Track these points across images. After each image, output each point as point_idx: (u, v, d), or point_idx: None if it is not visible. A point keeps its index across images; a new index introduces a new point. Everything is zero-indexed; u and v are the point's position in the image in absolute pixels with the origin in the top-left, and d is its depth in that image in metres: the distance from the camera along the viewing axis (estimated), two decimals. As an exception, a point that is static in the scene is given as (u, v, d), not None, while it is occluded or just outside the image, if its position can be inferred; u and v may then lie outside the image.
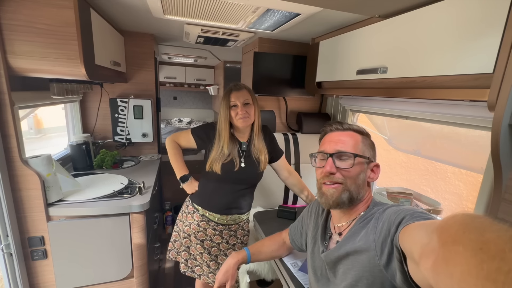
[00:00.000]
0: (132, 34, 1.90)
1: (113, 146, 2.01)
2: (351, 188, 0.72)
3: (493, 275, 0.27)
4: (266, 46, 1.82)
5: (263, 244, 1.08)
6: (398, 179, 1.99)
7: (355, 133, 0.77)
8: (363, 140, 0.76)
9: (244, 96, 1.20)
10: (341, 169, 0.72)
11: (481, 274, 0.28)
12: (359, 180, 0.73)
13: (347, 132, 0.77)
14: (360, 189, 0.73)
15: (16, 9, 1.02)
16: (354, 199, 0.73)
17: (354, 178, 0.72)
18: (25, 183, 1.12)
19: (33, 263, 1.21)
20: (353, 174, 0.72)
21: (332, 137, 0.77)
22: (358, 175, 0.72)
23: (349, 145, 0.74)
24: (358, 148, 0.74)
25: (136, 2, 1.28)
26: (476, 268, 0.29)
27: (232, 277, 0.97)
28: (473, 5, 0.73)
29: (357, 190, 0.73)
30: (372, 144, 0.79)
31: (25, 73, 1.10)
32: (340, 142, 0.75)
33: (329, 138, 0.78)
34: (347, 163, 0.72)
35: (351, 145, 0.74)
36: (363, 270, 0.65)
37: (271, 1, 1.09)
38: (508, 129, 0.68)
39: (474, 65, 0.74)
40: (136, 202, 1.28)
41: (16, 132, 1.07)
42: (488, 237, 0.30)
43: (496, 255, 0.28)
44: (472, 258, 0.29)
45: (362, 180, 0.73)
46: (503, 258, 0.27)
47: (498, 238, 0.29)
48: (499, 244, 0.28)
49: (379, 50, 1.07)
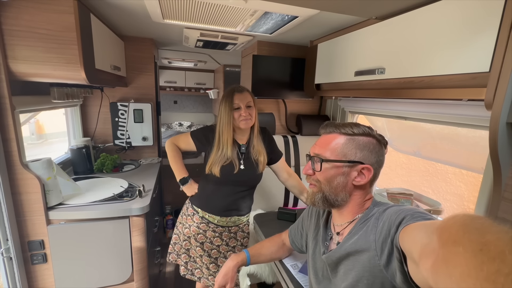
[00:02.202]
0: (132, 38, 1.92)
1: (113, 150, 2.01)
2: (325, 190, 0.74)
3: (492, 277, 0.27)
4: (265, 49, 1.83)
5: (262, 246, 1.08)
6: (399, 181, 1.98)
7: (340, 135, 0.73)
8: (348, 142, 0.72)
9: (247, 98, 1.20)
10: (316, 171, 0.75)
11: (481, 275, 0.28)
12: (334, 183, 0.72)
13: (330, 135, 0.76)
14: (338, 191, 0.73)
15: (17, 15, 1.03)
16: (330, 200, 0.74)
17: (327, 180, 0.73)
18: (25, 187, 1.12)
19: (33, 267, 1.21)
20: (325, 177, 0.73)
21: (319, 140, 0.79)
22: (332, 178, 0.72)
23: (326, 148, 0.74)
24: (336, 152, 0.72)
25: (135, 7, 1.29)
26: (476, 269, 0.28)
27: (231, 280, 0.97)
28: (468, 6, 0.74)
29: (332, 192, 0.73)
30: (367, 145, 0.71)
31: (26, 77, 1.11)
32: (319, 145, 0.77)
33: (317, 140, 0.80)
34: (317, 166, 0.74)
35: (328, 149, 0.73)
36: (363, 270, 0.65)
37: (268, 4, 1.10)
38: (505, 127, 0.68)
39: (470, 65, 0.75)
40: (136, 205, 1.28)
41: (16, 136, 1.08)
42: (488, 238, 0.30)
43: (496, 257, 0.28)
44: (472, 259, 0.29)
45: (339, 183, 0.72)
46: (503, 260, 0.27)
47: (498, 240, 0.29)
48: (499, 245, 0.29)
49: (376, 51, 1.08)
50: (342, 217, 0.77)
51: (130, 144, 2.00)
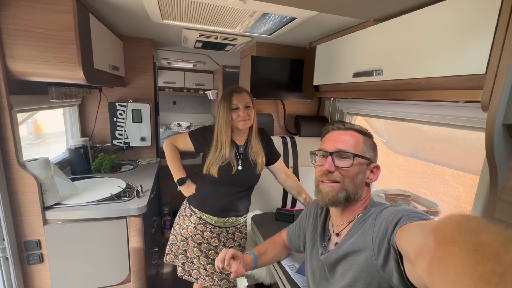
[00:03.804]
0: (131, 39, 1.92)
1: (111, 150, 2.01)
2: (349, 188, 0.72)
3: (487, 277, 0.27)
4: (264, 50, 1.83)
5: (267, 248, 1.05)
6: (397, 182, 1.99)
7: (356, 133, 0.76)
8: (364, 141, 0.76)
9: (245, 99, 1.20)
10: (340, 168, 0.72)
11: (475, 275, 0.28)
12: (357, 180, 0.73)
13: (348, 132, 0.77)
14: (358, 189, 0.73)
15: (15, 14, 1.03)
16: (351, 198, 0.72)
17: (352, 177, 0.72)
18: (22, 186, 1.12)
19: (29, 267, 1.20)
20: (351, 173, 0.72)
21: (333, 136, 0.77)
22: (356, 175, 0.72)
23: (349, 144, 0.74)
24: (358, 148, 0.74)
25: (134, 7, 1.29)
26: (471, 269, 0.29)
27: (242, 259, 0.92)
28: (465, 8, 0.75)
29: (354, 190, 0.72)
30: (374, 145, 0.78)
31: (23, 76, 1.10)
32: (341, 141, 0.74)
33: (330, 137, 0.77)
34: (346, 162, 0.72)
35: (351, 145, 0.74)
36: (360, 270, 0.65)
37: (267, 6, 1.10)
38: (501, 128, 0.69)
39: (467, 66, 0.75)
40: (134, 205, 1.27)
41: (13, 135, 1.08)
42: (483, 238, 0.30)
43: (490, 257, 0.28)
44: (467, 259, 0.30)
45: (360, 180, 0.73)
46: (497, 260, 0.27)
47: (493, 240, 0.29)
48: (494, 246, 0.29)
49: (374, 53, 1.08)
50: (342, 217, 0.77)
51: (128, 144, 2.00)
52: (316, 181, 0.77)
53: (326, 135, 0.80)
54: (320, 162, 0.77)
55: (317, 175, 0.77)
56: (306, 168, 1.88)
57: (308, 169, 1.88)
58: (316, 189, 0.77)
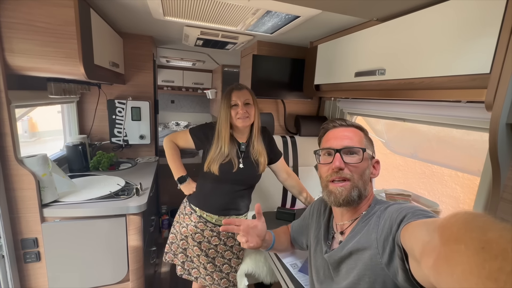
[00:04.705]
0: (131, 36, 1.90)
1: (110, 147, 1.99)
2: (359, 184, 0.71)
3: (495, 275, 0.27)
4: (265, 49, 1.83)
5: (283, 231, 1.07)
6: (396, 183, 2.00)
7: (357, 129, 0.78)
8: (365, 136, 0.77)
9: (245, 95, 1.20)
10: (348, 165, 0.71)
11: (483, 273, 0.28)
12: (365, 176, 0.73)
13: (351, 128, 0.77)
14: (366, 185, 0.73)
15: (15, 7, 1.01)
16: (362, 195, 0.72)
17: (360, 173, 0.72)
18: (20, 183, 1.10)
19: (25, 266, 1.18)
20: (360, 169, 0.71)
21: (337, 133, 0.76)
22: (364, 171, 0.72)
23: (355, 140, 0.74)
24: (363, 144, 0.75)
25: (136, 3, 1.28)
26: (478, 267, 0.28)
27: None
28: (470, 7, 0.75)
29: (364, 186, 0.72)
30: (371, 140, 0.79)
31: (23, 71, 1.09)
32: (346, 138, 0.74)
33: (333, 135, 0.77)
34: (355, 158, 0.72)
35: (357, 140, 0.74)
36: (365, 268, 0.64)
37: (271, 3, 1.10)
38: (505, 128, 0.69)
39: (471, 66, 0.75)
40: (133, 203, 1.26)
41: (11, 131, 1.06)
42: (491, 236, 0.30)
43: (498, 255, 0.28)
44: (474, 257, 0.29)
45: (367, 176, 0.73)
46: (505, 258, 0.27)
47: (500, 238, 0.29)
48: (502, 243, 0.28)
49: (377, 53, 1.08)
50: (346, 216, 0.77)
51: (127, 142, 1.98)
52: (324, 182, 0.75)
53: (326, 133, 0.79)
54: (326, 161, 0.75)
55: (324, 175, 0.75)
56: (306, 168, 1.88)
57: (308, 169, 1.88)
58: (326, 190, 0.74)
